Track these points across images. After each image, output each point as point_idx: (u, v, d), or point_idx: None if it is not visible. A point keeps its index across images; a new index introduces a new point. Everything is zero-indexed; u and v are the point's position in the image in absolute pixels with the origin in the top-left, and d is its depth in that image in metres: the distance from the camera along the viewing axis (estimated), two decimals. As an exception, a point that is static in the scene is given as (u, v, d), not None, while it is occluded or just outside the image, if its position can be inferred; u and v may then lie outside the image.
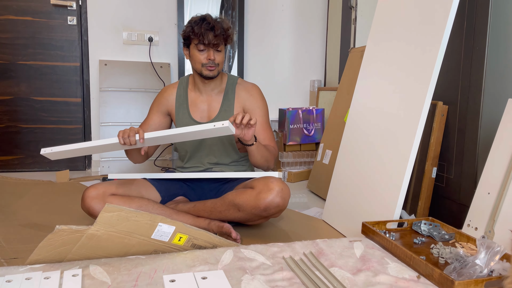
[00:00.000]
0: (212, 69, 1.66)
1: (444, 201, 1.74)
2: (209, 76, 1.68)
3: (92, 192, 1.54)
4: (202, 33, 1.61)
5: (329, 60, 3.22)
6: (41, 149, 1.52)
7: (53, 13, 2.73)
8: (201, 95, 1.77)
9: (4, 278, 0.95)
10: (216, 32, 1.61)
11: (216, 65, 1.66)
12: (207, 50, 1.64)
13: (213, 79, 1.71)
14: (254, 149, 1.56)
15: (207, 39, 1.61)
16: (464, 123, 1.62)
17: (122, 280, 0.97)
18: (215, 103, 1.75)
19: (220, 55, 1.67)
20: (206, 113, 1.76)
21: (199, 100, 1.77)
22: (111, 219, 1.05)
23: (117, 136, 1.46)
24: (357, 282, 0.99)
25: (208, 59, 1.64)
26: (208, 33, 1.61)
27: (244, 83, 1.80)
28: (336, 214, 1.75)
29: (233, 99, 1.75)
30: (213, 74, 1.68)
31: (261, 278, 1.00)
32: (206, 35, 1.61)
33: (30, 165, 2.81)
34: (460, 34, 1.63)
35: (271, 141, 1.72)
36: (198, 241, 1.18)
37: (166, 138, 1.48)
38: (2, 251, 1.38)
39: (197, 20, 1.65)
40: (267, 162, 1.64)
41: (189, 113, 1.76)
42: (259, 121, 1.72)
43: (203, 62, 1.65)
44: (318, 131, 2.83)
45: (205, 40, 1.61)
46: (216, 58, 1.65)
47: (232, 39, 1.72)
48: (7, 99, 2.73)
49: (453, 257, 1.06)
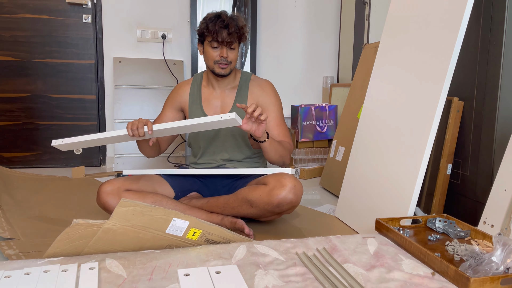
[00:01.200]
0: (224, 67, 1.66)
1: (459, 198, 1.72)
2: (221, 74, 1.68)
3: (108, 187, 1.57)
4: (216, 31, 1.61)
5: (342, 56, 3.20)
6: (52, 141, 1.56)
7: (69, 11, 2.77)
8: (214, 91, 1.78)
9: (23, 270, 0.98)
10: (230, 30, 1.62)
11: (228, 63, 1.66)
12: (220, 47, 1.65)
13: (226, 76, 1.72)
14: (267, 146, 1.56)
15: (220, 36, 1.61)
16: (480, 119, 1.60)
17: (138, 274, 0.99)
18: (228, 99, 1.76)
19: (233, 53, 1.68)
20: (219, 109, 1.77)
21: (212, 96, 1.78)
22: (127, 213, 1.07)
23: (126, 128, 1.49)
24: (371, 278, 0.99)
25: (221, 57, 1.64)
26: (222, 31, 1.61)
27: (257, 80, 1.81)
28: (349, 211, 1.75)
29: (246, 95, 1.76)
30: (224, 72, 1.68)
31: (275, 273, 1.00)
32: (220, 33, 1.61)
33: (46, 161, 2.86)
34: (477, 29, 1.61)
35: (285, 137, 1.72)
36: (211, 236, 1.19)
37: (174, 129, 1.50)
38: (20, 244, 1.41)
39: (212, 17, 1.65)
40: (282, 158, 1.64)
41: (202, 109, 1.77)
42: (273, 117, 1.72)
43: (216, 59, 1.65)
44: (331, 127, 2.82)
45: (218, 37, 1.62)
46: (229, 56, 1.65)
47: (246, 37, 1.71)
48: (24, 96, 2.78)
49: (468, 254, 1.05)
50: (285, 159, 1.66)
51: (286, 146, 1.67)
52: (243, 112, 1.72)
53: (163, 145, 1.80)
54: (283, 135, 1.71)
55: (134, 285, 0.93)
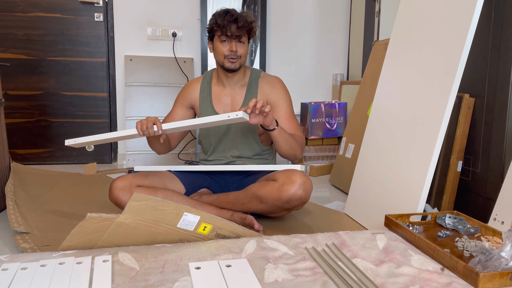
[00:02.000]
0: (234, 61, 1.68)
1: (470, 195, 1.71)
2: (231, 68, 1.69)
3: (120, 183, 1.59)
4: (225, 25, 1.63)
5: (352, 54, 3.19)
6: (65, 141, 1.60)
7: (81, 10, 2.81)
8: (224, 88, 1.79)
9: (38, 263, 1.00)
10: (239, 24, 1.63)
11: (238, 57, 1.68)
12: (229, 41, 1.66)
13: (236, 72, 1.73)
14: (277, 134, 1.56)
15: (229, 30, 1.63)
16: (491, 116, 1.59)
17: (150, 267, 1.01)
18: (238, 97, 1.77)
19: (243, 47, 1.69)
20: (229, 107, 1.78)
21: (223, 93, 1.79)
22: (139, 208, 1.09)
23: (136, 127, 1.51)
24: (380, 273, 1.00)
25: (230, 51, 1.66)
26: (231, 25, 1.63)
27: (267, 76, 1.82)
28: (359, 207, 1.75)
29: (256, 92, 1.77)
30: (234, 66, 1.69)
31: (284, 267, 1.01)
32: (229, 27, 1.63)
33: (59, 158, 2.91)
34: (488, 25, 1.60)
35: (297, 130, 1.72)
36: (222, 231, 1.21)
37: (183, 128, 1.53)
38: (35, 238, 1.44)
39: (221, 12, 1.67)
40: (293, 151, 1.64)
41: (212, 107, 1.78)
42: (283, 113, 1.73)
43: (226, 53, 1.67)
44: (340, 125, 2.82)
45: (227, 31, 1.63)
46: (238, 50, 1.67)
47: (256, 33, 1.73)
48: (37, 94, 2.82)
49: (478, 250, 1.05)
50: (297, 151, 1.66)
51: (297, 138, 1.68)
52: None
53: (173, 142, 1.82)
54: (294, 129, 1.72)
55: (147, 278, 0.95)
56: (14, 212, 1.62)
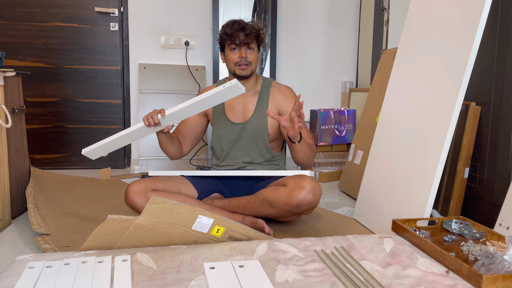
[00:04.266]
0: (244, 67, 1.74)
1: (476, 201, 1.74)
2: (242, 75, 1.75)
3: (135, 187, 1.65)
4: (233, 33, 1.71)
5: (361, 62, 3.23)
6: (82, 150, 1.70)
7: (97, 19, 2.90)
8: (236, 97, 1.85)
9: (62, 261, 1.06)
10: (247, 31, 1.71)
11: (248, 63, 1.74)
12: (239, 49, 1.73)
13: (248, 79, 1.79)
14: (299, 147, 1.62)
15: (238, 38, 1.71)
16: (498, 123, 1.62)
17: (166, 266, 1.06)
18: (250, 105, 1.83)
19: (253, 54, 1.75)
20: (241, 114, 1.84)
21: (235, 101, 1.85)
22: (156, 210, 1.14)
23: (142, 120, 1.60)
24: (387, 275, 1.04)
25: (240, 57, 1.72)
26: (239, 33, 1.71)
27: (278, 86, 1.87)
28: (367, 213, 1.79)
29: (268, 101, 1.82)
30: (246, 73, 1.75)
31: (294, 268, 1.06)
32: (237, 34, 1.71)
33: (75, 163, 2.99)
34: (493, 35, 1.64)
35: (309, 139, 1.77)
36: (234, 234, 1.26)
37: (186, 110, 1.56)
38: (55, 240, 1.51)
39: (229, 23, 1.76)
40: (308, 159, 1.70)
41: (225, 114, 1.84)
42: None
43: (236, 61, 1.73)
44: (349, 132, 2.86)
45: (236, 39, 1.71)
46: (248, 56, 1.73)
47: (264, 40, 1.79)
48: (55, 101, 2.92)
49: (483, 254, 1.08)
50: (310, 160, 1.72)
51: (313, 148, 1.73)
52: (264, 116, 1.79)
53: (185, 147, 1.88)
54: (308, 138, 1.77)
55: (164, 277, 1.00)
56: (35, 214, 1.69)
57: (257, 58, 1.78)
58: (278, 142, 1.89)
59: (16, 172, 1.85)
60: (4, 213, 1.70)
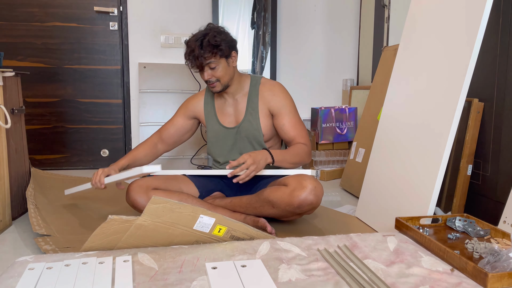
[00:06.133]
0: (212, 86, 1.72)
1: (480, 198, 1.73)
2: (214, 92, 1.74)
3: (136, 186, 1.64)
4: (190, 63, 1.68)
5: (361, 59, 3.22)
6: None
7: (96, 19, 2.89)
8: (226, 100, 1.83)
9: (63, 262, 1.05)
10: (199, 56, 1.64)
11: (216, 81, 1.70)
12: (202, 70, 1.70)
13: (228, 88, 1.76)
14: (279, 164, 1.65)
15: (195, 65, 1.67)
16: (501, 120, 1.61)
17: (168, 267, 1.05)
18: (241, 107, 1.80)
19: (217, 71, 1.68)
20: (233, 118, 1.82)
21: (225, 105, 1.83)
22: (157, 210, 1.13)
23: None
24: (391, 273, 1.03)
25: (206, 79, 1.69)
26: (195, 60, 1.66)
27: (267, 83, 1.82)
28: (370, 211, 1.78)
29: (257, 101, 1.78)
30: (216, 90, 1.73)
31: (297, 267, 1.05)
32: (194, 62, 1.67)
33: (75, 163, 2.98)
34: (496, 31, 1.62)
35: (301, 137, 1.75)
36: (236, 233, 1.25)
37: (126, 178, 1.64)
38: (55, 240, 1.50)
39: (186, 51, 1.69)
40: (301, 162, 1.70)
41: (217, 120, 1.83)
42: (287, 121, 1.75)
43: (205, 80, 1.71)
44: (351, 129, 2.84)
45: (193, 67, 1.68)
46: (212, 75, 1.69)
47: (228, 49, 1.68)
48: (55, 101, 2.91)
49: (487, 252, 1.07)
50: (303, 162, 1.72)
51: (299, 151, 1.70)
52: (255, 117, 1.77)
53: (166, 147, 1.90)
54: (300, 136, 1.75)
55: (166, 277, 0.99)
56: (35, 215, 1.68)
57: (225, 69, 1.69)
58: (275, 140, 1.87)
59: (16, 173, 1.84)
60: (4, 214, 1.69)
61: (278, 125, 1.77)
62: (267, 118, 1.78)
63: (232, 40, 1.72)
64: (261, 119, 1.77)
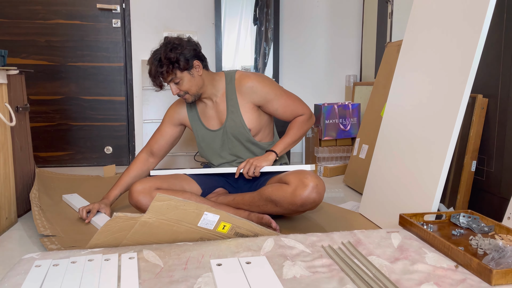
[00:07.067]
0: (185, 98, 1.73)
1: (484, 194, 1.72)
2: (190, 102, 1.75)
3: (139, 186, 1.64)
4: (153, 82, 1.68)
5: (365, 55, 3.21)
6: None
7: (99, 16, 2.89)
8: (207, 104, 1.81)
9: (69, 259, 1.06)
10: (153, 73, 1.65)
11: (185, 93, 1.70)
12: (162, 88, 1.70)
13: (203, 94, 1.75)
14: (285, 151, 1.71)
15: (157, 84, 1.68)
16: (505, 116, 1.60)
17: (173, 264, 1.05)
18: (221, 107, 1.78)
19: (181, 85, 1.67)
20: (216, 120, 1.81)
21: (207, 108, 1.81)
22: (162, 207, 1.14)
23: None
24: (395, 270, 1.03)
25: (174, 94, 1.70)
26: (155, 79, 1.67)
27: (241, 78, 1.75)
28: (373, 207, 1.78)
29: (236, 98, 1.75)
30: (189, 102, 1.74)
31: (302, 264, 1.05)
32: (156, 82, 1.68)
33: (79, 160, 2.99)
34: (500, 26, 1.61)
35: (298, 109, 1.79)
36: (240, 230, 1.25)
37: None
38: (61, 240, 1.50)
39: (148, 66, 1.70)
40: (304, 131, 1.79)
41: (202, 124, 1.83)
42: (279, 105, 1.75)
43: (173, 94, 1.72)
44: (354, 126, 2.84)
45: (157, 86, 1.69)
46: (179, 90, 1.69)
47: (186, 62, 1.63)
48: (58, 98, 2.92)
49: (492, 248, 1.07)
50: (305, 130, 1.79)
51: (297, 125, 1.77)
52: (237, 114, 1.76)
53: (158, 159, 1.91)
54: (296, 111, 1.79)
55: (171, 274, 1.00)
56: (40, 217, 1.68)
57: (190, 81, 1.67)
58: (266, 130, 1.83)
59: (21, 170, 1.85)
60: (10, 211, 1.71)
61: (272, 112, 1.79)
62: (251, 112, 1.75)
63: (191, 50, 1.65)
64: (244, 115, 1.74)
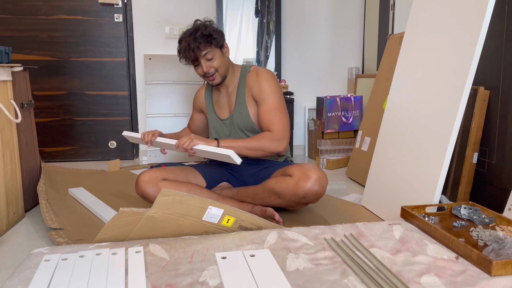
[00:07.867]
0: (211, 78, 1.73)
1: (485, 186, 1.74)
2: (215, 85, 1.76)
3: (145, 177, 1.67)
4: (186, 56, 1.69)
5: (367, 47, 3.20)
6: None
7: (101, 11, 2.90)
8: (221, 92, 1.85)
9: (77, 254, 1.08)
10: (192, 46, 1.66)
11: (214, 72, 1.72)
12: (199, 63, 1.71)
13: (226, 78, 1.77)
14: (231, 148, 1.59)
15: (190, 57, 1.69)
16: (506, 108, 1.61)
17: (179, 257, 1.08)
18: (232, 97, 1.82)
19: (214, 62, 1.70)
20: (226, 109, 1.84)
21: (220, 96, 1.86)
22: (167, 202, 1.16)
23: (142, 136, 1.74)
24: (396, 261, 1.05)
25: (204, 72, 1.71)
26: (190, 53, 1.67)
27: (255, 70, 1.79)
28: (376, 199, 1.79)
29: (244, 91, 1.78)
30: (216, 82, 1.75)
31: (305, 256, 1.07)
32: (189, 55, 1.68)
33: (84, 155, 3.02)
34: (502, 18, 1.61)
35: (272, 124, 1.67)
36: (244, 223, 1.27)
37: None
38: (68, 233, 1.53)
39: (180, 47, 1.72)
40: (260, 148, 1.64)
41: (215, 112, 1.88)
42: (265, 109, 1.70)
43: (202, 74, 1.73)
44: (356, 118, 2.85)
45: (189, 60, 1.70)
46: (210, 67, 1.70)
47: (221, 39, 1.71)
48: (62, 94, 2.94)
49: (492, 239, 1.09)
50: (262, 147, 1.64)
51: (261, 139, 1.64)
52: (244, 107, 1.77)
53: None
54: (270, 123, 1.67)
55: (177, 267, 1.02)
56: (47, 210, 1.71)
57: (221, 59, 1.72)
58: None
59: (27, 166, 1.88)
60: (17, 206, 1.73)
61: (258, 113, 1.74)
62: (254, 106, 1.77)
63: (221, 32, 1.75)
64: (249, 108, 1.77)
